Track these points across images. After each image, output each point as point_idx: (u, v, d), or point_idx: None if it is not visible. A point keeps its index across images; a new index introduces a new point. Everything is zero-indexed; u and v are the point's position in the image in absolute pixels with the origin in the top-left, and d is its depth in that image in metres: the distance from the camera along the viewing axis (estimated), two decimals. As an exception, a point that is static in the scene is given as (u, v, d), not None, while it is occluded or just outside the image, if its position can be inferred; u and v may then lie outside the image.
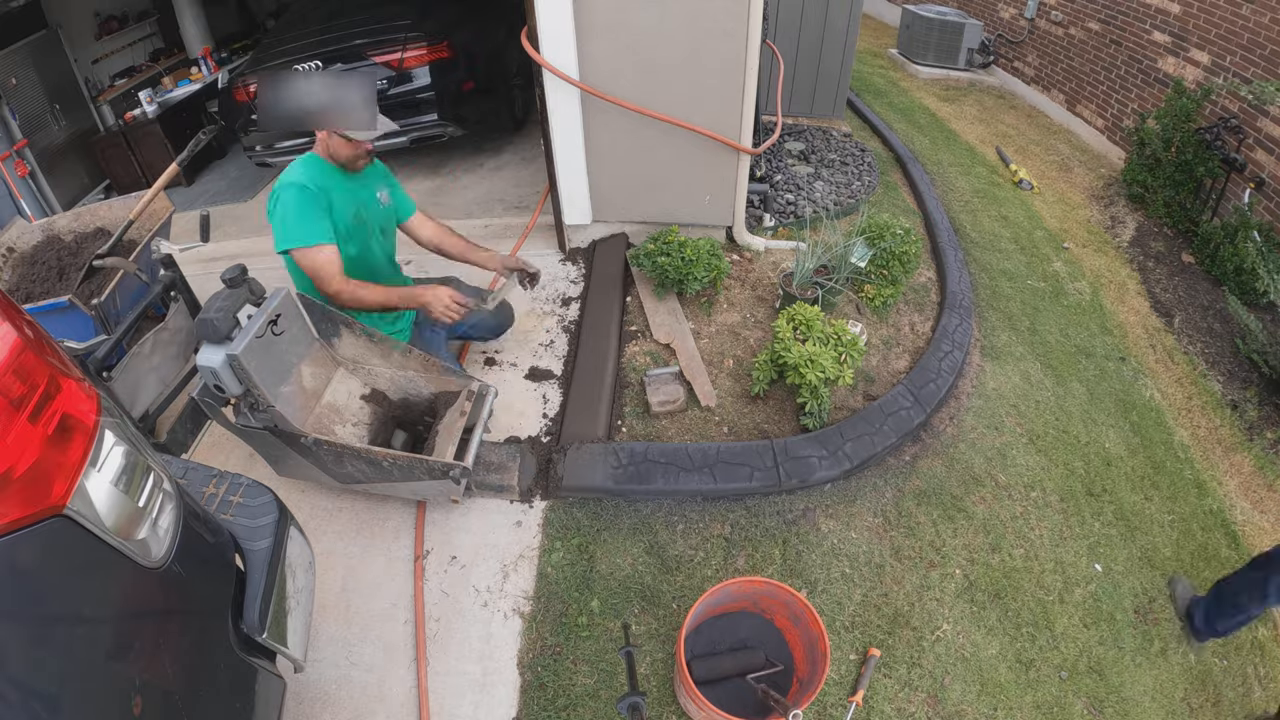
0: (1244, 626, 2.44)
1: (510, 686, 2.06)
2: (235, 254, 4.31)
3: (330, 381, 2.38)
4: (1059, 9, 6.45)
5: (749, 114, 3.20)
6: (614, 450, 2.62)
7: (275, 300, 2.08)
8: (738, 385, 2.95)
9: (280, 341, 2.12)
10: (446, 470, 2.11)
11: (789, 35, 5.06)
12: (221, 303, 1.96)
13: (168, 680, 1.15)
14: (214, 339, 1.92)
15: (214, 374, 1.94)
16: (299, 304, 2.21)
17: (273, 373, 2.09)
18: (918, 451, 2.85)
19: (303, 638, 1.61)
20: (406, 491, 2.33)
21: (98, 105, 5.74)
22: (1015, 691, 2.21)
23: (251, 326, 1.98)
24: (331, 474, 2.26)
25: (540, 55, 3.07)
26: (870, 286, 3.35)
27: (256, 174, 5.53)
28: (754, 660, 2.06)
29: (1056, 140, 6.19)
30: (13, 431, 0.90)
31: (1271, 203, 4.26)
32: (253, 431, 2.13)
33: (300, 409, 2.21)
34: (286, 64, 4.45)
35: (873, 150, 5.03)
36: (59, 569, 0.98)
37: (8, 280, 3.03)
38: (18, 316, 1.03)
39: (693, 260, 3.12)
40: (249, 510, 1.59)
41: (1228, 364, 3.77)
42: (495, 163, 5.05)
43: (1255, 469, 3.25)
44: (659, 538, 2.46)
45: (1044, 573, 2.57)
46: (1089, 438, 3.16)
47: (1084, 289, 4.19)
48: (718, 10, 2.92)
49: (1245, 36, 4.44)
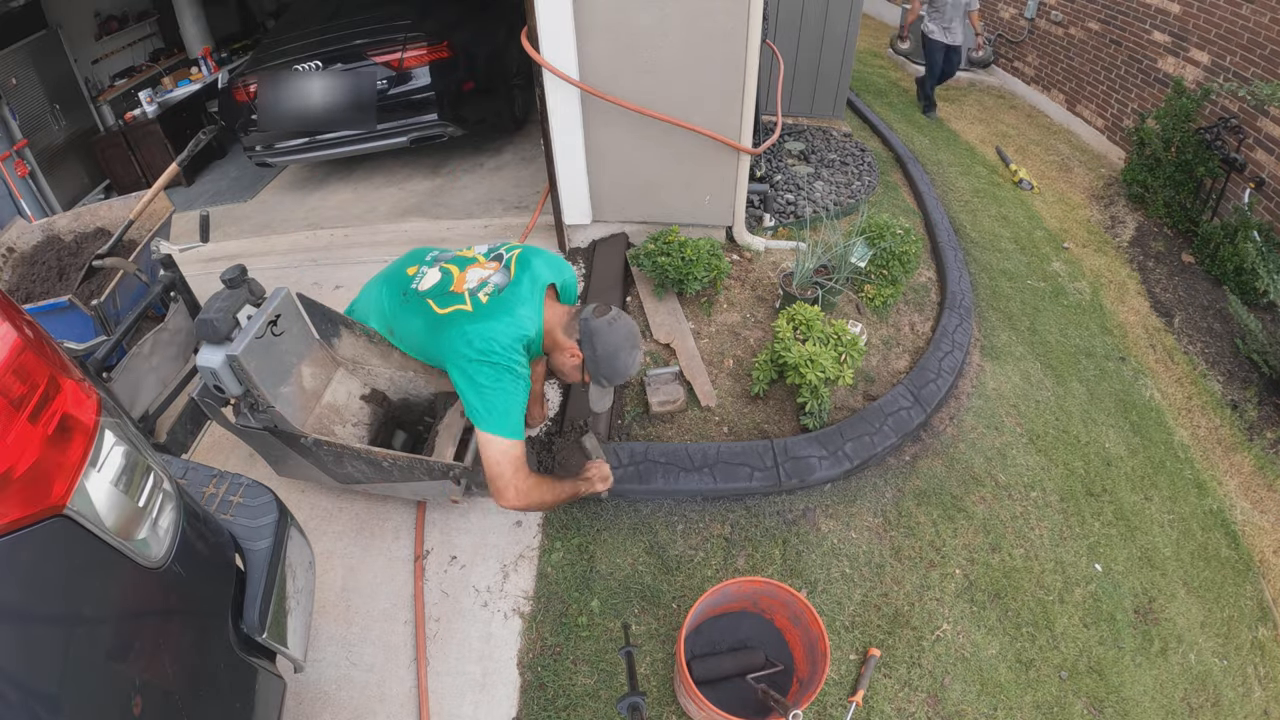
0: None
1: (510, 686, 2.06)
2: (235, 254, 4.32)
3: (330, 382, 2.38)
4: (1059, 9, 6.46)
5: (749, 114, 3.20)
6: (614, 450, 2.62)
7: (275, 301, 2.08)
8: (738, 385, 2.95)
9: (280, 342, 2.11)
10: (446, 470, 2.10)
11: (789, 35, 5.06)
12: (221, 303, 1.95)
13: (168, 680, 1.15)
14: (214, 339, 1.92)
15: (214, 374, 1.93)
16: (298, 304, 2.21)
17: (272, 373, 2.09)
18: (918, 451, 2.85)
19: (303, 638, 1.61)
20: (406, 491, 2.32)
21: (98, 105, 5.74)
22: (1015, 691, 2.22)
23: (251, 327, 1.98)
24: (331, 474, 2.26)
25: (540, 55, 3.07)
26: (870, 286, 3.35)
27: (256, 174, 5.53)
28: (754, 660, 2.06)
29: (1056, 140, 6.19)
30: (13, 431, 0.90)
31: (1271, 203, 4.27)
32: (252, 432, 2.13)
33: (300, 409, 2.21)
34: (286, 64, 4.46)
35: (872, 150, 5.03)
36: (59, 569, 0.98)
37: (8, 280, 3.03)
38: (18, 316, 1.03)
39: (693, 260, 3.12)
40: (249, 510, 1.59)
41: (1228, 364, 3.77)
42: (495, 163, 5.05)
43: (1255, 469, 3.25)
44: (659, 538, 2.46)
45: (1044, 573, 2.57)
46: (1089, 438, 3.16)
47: (1084, 289, 4.19)
48: (718, 10, 2.92)
49: (1245, 36, 4.44)
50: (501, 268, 2.04)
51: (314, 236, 4.37)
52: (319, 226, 4.48)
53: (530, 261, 2.04)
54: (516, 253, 2.09)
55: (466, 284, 2.01)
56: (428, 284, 2.05)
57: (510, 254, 2.09)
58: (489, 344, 1.84)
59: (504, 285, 1.98)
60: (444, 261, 2.12)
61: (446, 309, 1.95)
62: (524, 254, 2.08)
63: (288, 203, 4.97)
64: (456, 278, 2.04)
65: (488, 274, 2.03)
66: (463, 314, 1.92)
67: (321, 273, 3.91)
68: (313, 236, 4.37)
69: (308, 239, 4.36)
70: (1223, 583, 2.78)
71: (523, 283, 1.98)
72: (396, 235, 4.20)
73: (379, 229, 4.32)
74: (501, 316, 1.89)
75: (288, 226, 4.57)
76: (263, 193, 5.26)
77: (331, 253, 4.13)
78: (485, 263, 2.08)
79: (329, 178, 5.20)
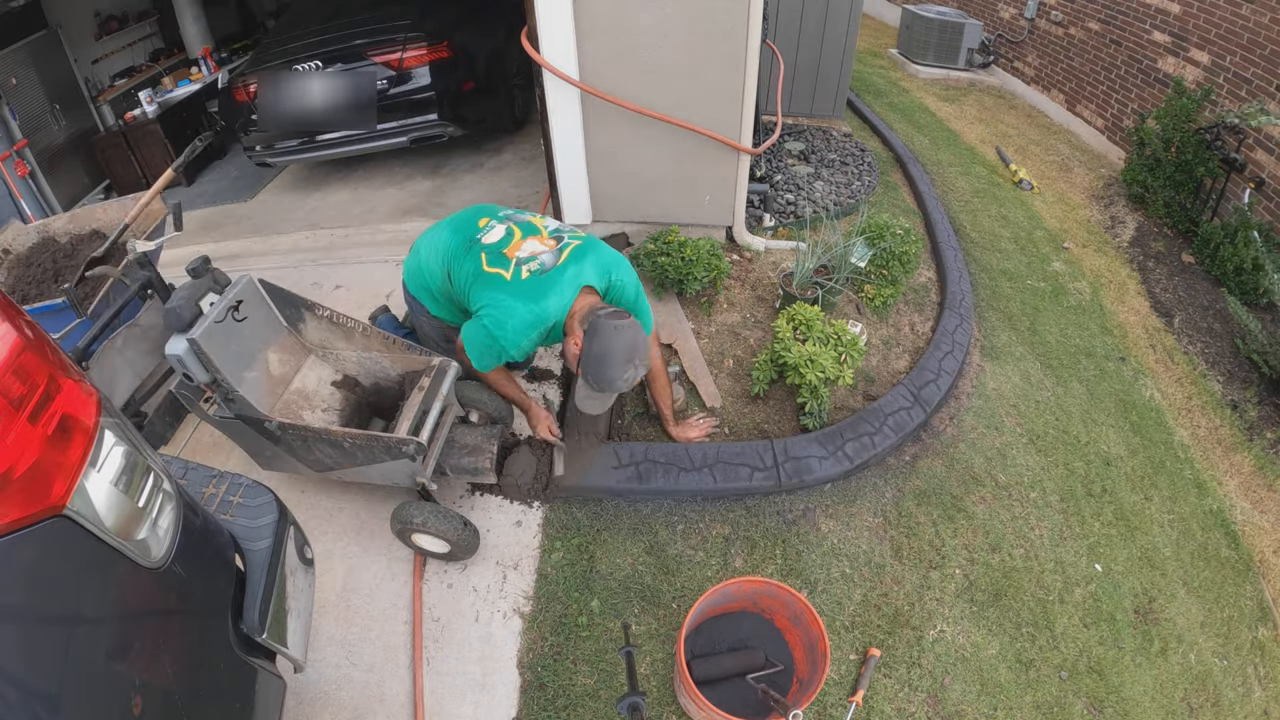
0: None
1: (510, 686, 2.06)
2: (235, 254, 4.32)
3: (300, 368, 2.38)
4: (1059, 9, 6.45)
5: (749, 114, 3.20)
6: (614, 450, 2.62)
7: (237, 287, 2.09)
8: (738, 385, 2.95)
9: (243, 328, 2.13)
10: (401, 446, 2.04)
11: (789, 35, 5.06)
12: (185, 292, 1.99)
13: (168, 680, 1.15)
14: (178, 327, 1.94)
15: (180, 361, 1.96)
16: (261, 290, 2.22)
17: (236, 358, 2.10)
18: (918, 451, 2.85)
19: (303, 638, 1.61)
20: (376, 476, 2.25)
21: (98, 105, 5.75)
22: (1015, 691, 2.21)
23: (212, 313, 2.00)
24: (304, 461, 2.25)
25: (540, 55, 3.07)
26: (870, 286, 3.35)
27: (256, 174, 5.53)
28: (754, 660, 2.06)
29: (1056, 140, 6.18)
30: (13, 431, 0.90)
31: (1271, 203, 4.26)
32: (229, 423, 2.14)
33: (266, 394, 2.22)
34: (286, 64, 4.46)
35: (872, 150, 5.03)
36: (59, 569, 0.98)
37: (3, 282, 3.03)
38: (17, 316, 1.03)
39: (693, 260, 3.12)
40: (249, 510, 1.59)
41: (1228, 364, 3.77)
42: (495, 163, 5.05)
43: (1255, 469, 3.25)
44: (659, 538, 2.46)
45: (1044, 573, 2.57)
46: (1089, 438, 3.16)
47: (1084, 289, 4.19)
48: (718, 10, 2.92)
49: (1245, 36, 4.44)
50: (556, 249, 2.10)
51: (314, 236, 4.37)
52: (319, 226, 4.48)
53: (584, 257, 2.10)
54: (576, 244, 2.13)
55: (519, 252, 2.09)
56: (490, 239, 2.15)
57: (571, 242, 2.13)
58: (501, 326, 2.00)
59: (548, 268, 2.05)
60: (513, 221, 2.20)
61: (492, 269, 2.06)
62: (582, 247, 2.13)
63: (288, 203, 4.97)
64: (514, 242, 2.12)
65: (541, 250, 2.09)
66: (500, 280, 2.04)
67: (321, 273, 3.91)
68: (313, 236, 4.37)
69: (308, 239, 4.36)
70: (1223, 583, 2.78)
71: (566, 272, 2.05)
72: (396, 235, 4.19)
73: (379, 229, 4.32)
74: (528, 300, 2.00)
75: (288, 226, 4.57)
76: (263, 193, 5.26)
77: (331, 253, 4.13)
78: (546, 237, 2.15)
79: (329, 178, 5.20)
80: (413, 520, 2.15)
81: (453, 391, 2.33)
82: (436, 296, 2.32)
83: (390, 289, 3.64)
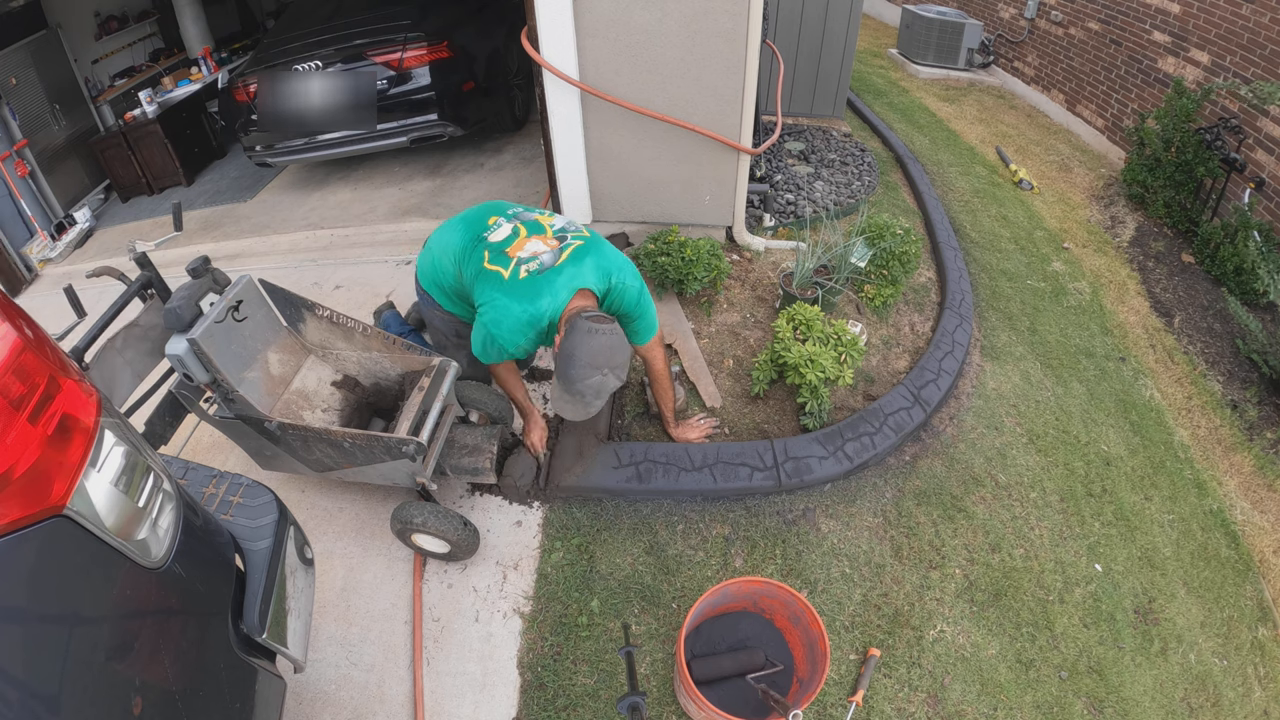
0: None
1: (510, 686, 2.06)
2: (235, 254, 4.32)
3: (300, 368, 2.38)
4: (1059, 9, 6.45)
5: (749, 114, 3.20)
6: (614, 450, 2.62)
7: (237, 287, 2.09)
8: (738, 385, 2.95)
9: (243, 328, 2.13)
10: (401, 446, 2.04)
11: (789, 35, 5.06)
12: (185, 292, 1.99)
13: (168, 680, 1.15)
14: (178, 327, 1.94)
15: (180, 361, 1.96)
16: (261, 290, 2.21)
17: (236, 358, 2.10)
18: (918, 451, 2.85)
19: (303, 638, 1.61)
20: (376, 476, 2.26)
21: (98, 105, 5.75)
22: (1015, 691, 2.21)
23: (212, 312, 2.00)
24: (304, 462, 2.25)
25: (540, 55, 3.07)
26: (870, 286, 3.35)
27: (256, 174, 5.53)
28: (754, 660, 2.06)
29: (1056, 140, 6.18)
30: (13, 431, 0.90)
31: (1271, 203, 4.26)
32: (229, 423, 2.14)
33: (266, 394, 2.22)
34: (286, 64, 4.46)
35: (872, 150, 5.03)
36: (59, 569, 0.98)
37: None
38: (17, 316, 1.03)
39: (693, 260, 3.12)
40: (249, 510, 1.59)
41: (1228, 364, 3.77)
42: (495, 163, 5.05)
43: (1255, 469, 3.25)
44: (659, 538, 2.46)
45: (1044, 573, 2.57)
46: (1089, 438, 3.17)
47: (1084, 289, 4.19)
48: (718, 10, 2.92)
49: (1245, 36, 4.44)
50: (557, 249, 2.10)
51: (314, 236, 4.37)
52: (319, 226, 4.48)
53: (584, 259, 2.09)
54: (579, 244, 2.13)
55: (520, 252, 2.09)
56: (495, 236, 2.15)
57: (574, 242, 2.13)
58: (497, 324, 2.03)
59: (546, 268, 2.05)
60: (520, 220, 2.21)
61: (492, 266, 2.08)
62: (583, 249, 2.12)
63: (288, 203, 4.98)
64: (518, 241, 2.13)
65: (543, 250, 2.10)
66: (498, 278, 2.05)
67: (322, 272, 3.91)
68: (313, 236, 4.38)
69: (308, 239, 4.36)
70: (1223, 583, 2.78)
71: (563, 273, 2.04)
72: (396, 235, 4.20)
73: (379, 229, 4.32)
74: (522, 300, 2.00)
75: (288, 226, 4.57)
76: (263, 193, 5.26)
77: (332, 253, 4.13)
78: (549, 237, 2.15)
79: (329, 178, 5.20)
80: (413, 520, 2.15)
81: (453, 392, 2.33)
82: (449, 293, 2.33)
83: (390, 289, 3.64)
